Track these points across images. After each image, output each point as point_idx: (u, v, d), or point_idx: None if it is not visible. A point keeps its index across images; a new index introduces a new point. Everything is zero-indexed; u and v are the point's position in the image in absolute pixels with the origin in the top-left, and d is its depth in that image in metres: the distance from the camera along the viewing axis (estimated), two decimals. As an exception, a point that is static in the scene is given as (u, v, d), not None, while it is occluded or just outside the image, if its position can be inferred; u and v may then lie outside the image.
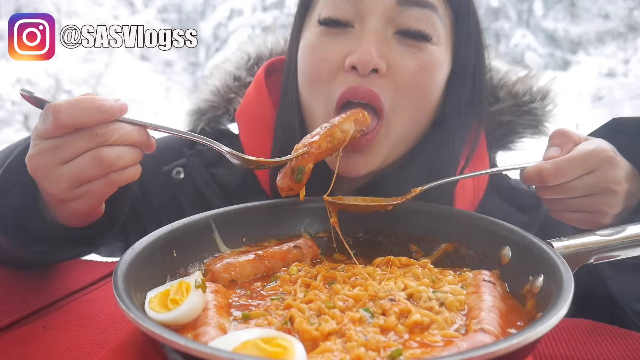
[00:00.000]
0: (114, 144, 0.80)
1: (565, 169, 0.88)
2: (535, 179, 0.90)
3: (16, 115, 8.26)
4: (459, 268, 0.92)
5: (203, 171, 1.23)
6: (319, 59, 1.05)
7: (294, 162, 0.92)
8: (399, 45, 1.03)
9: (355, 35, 1.03)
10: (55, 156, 0.79)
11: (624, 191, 0.90)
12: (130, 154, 0.82)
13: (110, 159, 0.79)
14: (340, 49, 1.03)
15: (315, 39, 1.06)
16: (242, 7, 10.32)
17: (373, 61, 0.99)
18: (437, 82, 1.06)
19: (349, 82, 1.02)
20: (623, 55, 9.39)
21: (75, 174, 0.79)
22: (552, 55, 9.90)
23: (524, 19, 10.19)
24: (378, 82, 1.02)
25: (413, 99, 1.05)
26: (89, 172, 0.79)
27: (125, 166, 0.82)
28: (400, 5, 1.01)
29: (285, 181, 0.92)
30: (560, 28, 9.96)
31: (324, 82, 1.06)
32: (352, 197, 1.00)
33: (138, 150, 0.83)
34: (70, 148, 0.78)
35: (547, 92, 1.24)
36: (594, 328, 0.88)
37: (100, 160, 0.79)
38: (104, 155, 0.79)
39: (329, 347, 0.64)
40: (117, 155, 0.80)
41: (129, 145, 0.81)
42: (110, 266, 1.11)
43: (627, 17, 9.39)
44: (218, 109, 1.31)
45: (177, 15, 10.58)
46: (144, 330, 0.60)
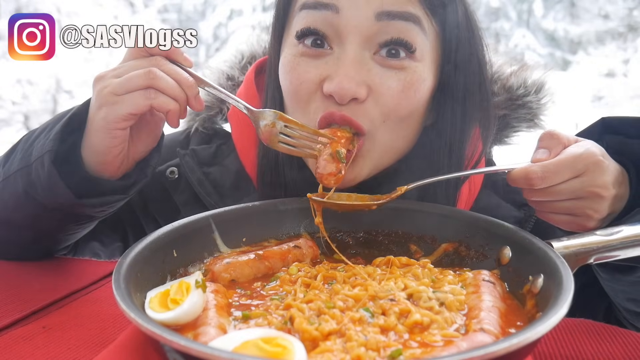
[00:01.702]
0: (169, 75, 0.91)
1: (552, 172, 0.86)
2: (521, 181, 0.88)
3: (16, 115, 8.26)
4: (459, 268, 0.92)
5: (197, 171, 1.23)
6: (297, 80, 1.03)
7: (328, 148, 0.96)
8: (380, 67, 0.99)
9: (334, 58, 0.99)
10: (116, 69, 0.92)
11: (610, 196, 0.89)
12: (178, 90, 0.91)
13: (158, 74, 0.89)
14: (319, 71, 1.00)
15: (294, 59, 1.03)
16: (242, 7, 10.30)
17: (351, 91, 0.96)
18: (421, 97, 1.03)
19: (327, 106, 1.00)
20: (623, 55, 9.38)
21: (125, 74, 0.90)
22: (552, 55, 9.89)
23: (524, 19, 10.18)
24: (357, 108, 0.99)
25: (396, 116, 1.02)
26: (136, 78, 0.89)
27: (166, 89, 0.90)
28: (380, 20, 0.97)
29: (330, 166, 0.95)
30: (560, 28, 9.95)
31: (303, 103, 1.04)
32: (337, 193, 0.99)
33: (182, 92, 0.92)
34: (130, 62, 0.92)
35: (542, 85, 1.23)
36: (594, 328, 0.88)
37: (149, 71, 0.89)
38: (155, 71, 0.89)
39: (329, 347, 0.64)
40: (168, 85, 0.90)
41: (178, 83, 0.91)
42: (111, 266, 1.11)
43: (627, 17, 9.38)
44: (212, 108, 1.31)
45: (177, 15, 10.56)
46: (144, 330, 0.60)
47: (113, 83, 0.90)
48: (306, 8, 1.01)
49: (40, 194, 0.97)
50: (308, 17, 1.01)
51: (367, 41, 0.98)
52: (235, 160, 1.24)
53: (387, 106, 1.00)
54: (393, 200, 0.97)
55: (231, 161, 1.24)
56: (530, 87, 1.23)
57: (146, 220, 1.27)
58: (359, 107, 0.99)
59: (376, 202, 0.97)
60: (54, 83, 8.57)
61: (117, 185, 1.00)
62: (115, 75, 0.91)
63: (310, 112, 1.03)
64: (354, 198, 0.99)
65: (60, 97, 8.64)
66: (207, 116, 1.31)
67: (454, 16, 1.04)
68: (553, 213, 0.93)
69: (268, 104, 1.15)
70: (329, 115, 0.99)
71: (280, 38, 1.11)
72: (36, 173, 0.96)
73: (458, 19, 1.05)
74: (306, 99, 1.03)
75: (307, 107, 1.04)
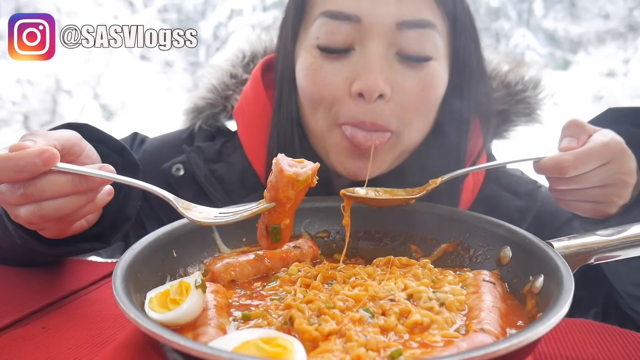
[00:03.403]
0: (51, 198, 0.77)
1: (583, 160, 0.88)
2: (553, 170, 0.90)
3: (16, 115, 8.25)
4: (459, 268, 0.92)
5: (203, 167, 1.23)
6: (322, 83, 1.04)
7: (265, 219, 0.83)
8: (401, 65, 1.02)
9: (357, 58, 1.02)
10: (2, 200, 0.79)
11: (634, 182, 0.92)
12: (72, 203, 0.79)
13: (50, 212, 0.78)
14: (344, 74, 1.03)
15: (315, 62, 1.05)
16: (242, 7, 10.30)
17: (379, 88, 0.99)
18: (439, 95, 1.08)
19: (354, 108, 1.02)
20: (623, 55, 9.37)
21: (25, 220, 0.79)
22: (552, 55, 9.89)
23: (524, 19, 10.18)
24: (383, 108, 1.02)
25: (419, 115, 1.06)
26: (36, 221, 0.79)
27: (71, 214, 0.80)
28: (400, 28, 1.00)
29: (263, 242, 0.85)
30: (560, 28, 9.94)
31: (328, 104, 1.06)
32: (367, 188, 0.97)
33: (83, 196, 0.80)
34: (10, 199, 0.78)
35: (539, 81, 1.26)
36: (594, 328, 0.88)
37: (41, 215, 0.78)
38: (44, 212, 0.78)
39: (329, 347, 0.64)
40: (56, 209, 0.78)
41: (69, 195, 0.79)
42: (111, 266, 1.11)
43: (627, 17, 9.38)
44: (215, 106, 1.31)
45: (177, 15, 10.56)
46: (144, 330, 0.60)
47: (19, 216, 0.80)
48: (327, 16, 1.03)
49: (17, 240, 0.92)
50: (329, 27, 1.02)
51: (389, 43, 1.01)
52: (241, 157, 1.24)
53: (409, 105, 1.03)
54: (429, 192, 0.97)
55: (237, 158, 1.25)
56: (528, 83, 1.25)
57: (149, 221, 1.27)
58: (385, 105, 1.02)
59: (414, 196, 0.96)
60: (54, 83, 8.57)
61: (90, 234, 0.95)
62: (7, 203, 0.80)
63: (334, 113, 1.05)
64: (388, 193, 0.97)
65: (60, 97, 8.65)
66: (211, 114, 1.32)
67: (461, 14, 1.08)
68: (577, 201, 0.94)
69: (283, 109, 1.15)
70: (360, 123, 1.02)
71: (295, 38, 1.12)
72: (6, 224, 0.90)
73: (465, 17, 1.09)
74: (330, 102, 1.05)
75: (328, 110, 1.06)
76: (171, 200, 0.81)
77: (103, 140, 0.99)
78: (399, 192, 0.98)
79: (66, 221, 0.83)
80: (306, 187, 0.81)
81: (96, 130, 0.99)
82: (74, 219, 0.84)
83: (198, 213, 0.82)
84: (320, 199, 1.06)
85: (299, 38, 1.11)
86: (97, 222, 0.95)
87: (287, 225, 0.84)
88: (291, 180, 0.79)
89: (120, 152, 1.02)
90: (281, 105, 1.16)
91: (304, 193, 0.82)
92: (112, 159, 0.98)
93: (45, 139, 0.80)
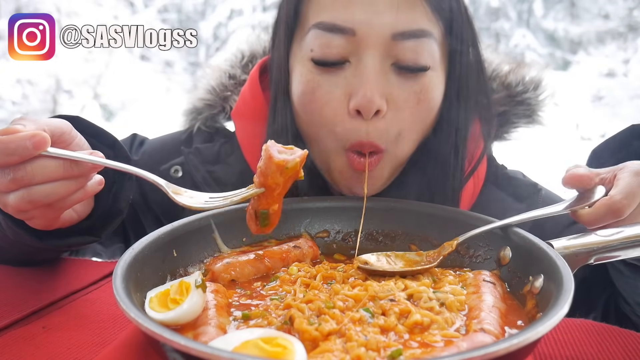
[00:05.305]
0: (42, 183, 0.77)
1: (631, 197, 0.84)
2: (608, 217, 0.85)
3: (16, 115, 8.25)
4: (459, 268, 0.92)
5: (201, 169, 1.23)
6: (322, 101, 1.02)
7: (255, 204, 0.85)
8: (397, 77, 1.00)
9: (352, 72, 1.00)
10: None
11: None
12: (63, 188, 0.79)
13: (40, 198, 0.77)
14: (341, 90, 1.00)
15: (313, 78, 1.02)
16: (242, 7, 10.31)
17: (376, 103, 0.97)
18: (435, 105, 1.05)
19: (353, 127, 1.00)
20: (623, 55, 9.38)
21: (14, 207, 0.79)
22: (552, 55, 9.90)
23: (524, 19, 10.19)
24: (379, 125, 1.00)
25: (411, 127, 1.04)
26: (25, 207, 0.79)
27: (61, 200, 0.80)
28: (396, 39, 0.98)
29: (252, 226, 0.87)
30: (560, 28, 9.95)
31: (329, 127, 1.03)
32: (377, 254, 0.91)
33: (73, 182, 0.80)
34: (0, 186, 0.77)
35: (539, 82, 1.25)
36: (594, 328, 0.88)
37: (30, 201, 0.77)
38: (34, 197, 0.77)
39: (329, 347, 0.64)
40: (46, 194, 0.78)
41: (59, 180, 0.78)
42: (111, 266, 1.11)
43: (627, 17, 9.39)
44: (214, 107, 1.31)
45: (177, 15, 10.57)
46: (144, 330, 0.60)
47: (8, 205, 0.80)
48: (320, 28, 1.00)
49: (8, 233, 0.93)
50: (323, 39, 1.00)
51: (384, 54, 0.99)
52: (239, 159, 1.24)
53: (404, 119, 1.02)
54: (445, 257, 0.91)
55: (235, 159, 1.24)
56: (528, 84, 1.24)
57: (148, 222, 1.27)
58: (380, 122, 1.00)
59: (432, 265, 0.89)
60: (54, 83, 8.57)
61: (81, 227, 0.95)
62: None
63: (336, 134, 1.03)
64: (400, 257, 0.92)
65: (60, 97, 8.65)
66: (210, 115, 1.31)
67: (458, 17, 1.06)
68: None
69: (278, 118, 1.12)
70: (359, 144, 1.01)
71: (289, 47, 1.10)
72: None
73: (462, 19, 1.07)
74: (332, 121, 1.03)
75: (333, 131, 1.03)
76: (162, 185, 0.82)
77: (95, 134, 0.98)
78: (412, 257, 0.93)
79: (55, 208, 0.83)
80: (295, 173, 0.83)
81: (88, 123, 0.98)
82: (64, 206, 0.83)
83: (189, 198, 0.83)
84: (320, 199, 1.06)
85: (293, 48, 1.09)
86: (88, 216, 0.95)
87: (275, 210, 0.85)
88: (280, 167, 0.81)
89: (111, 145, 1.01)
90: (276, 114, 1.13)
91: (294, 179, 0.84)
92: (103, 152, 0.98)
93: (35, 124, 0.79)
